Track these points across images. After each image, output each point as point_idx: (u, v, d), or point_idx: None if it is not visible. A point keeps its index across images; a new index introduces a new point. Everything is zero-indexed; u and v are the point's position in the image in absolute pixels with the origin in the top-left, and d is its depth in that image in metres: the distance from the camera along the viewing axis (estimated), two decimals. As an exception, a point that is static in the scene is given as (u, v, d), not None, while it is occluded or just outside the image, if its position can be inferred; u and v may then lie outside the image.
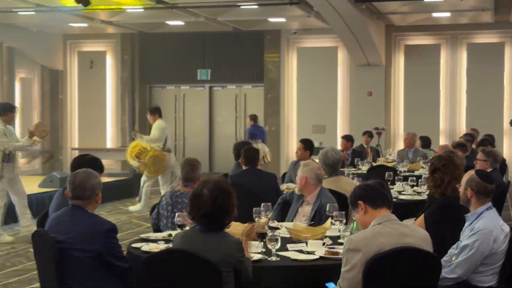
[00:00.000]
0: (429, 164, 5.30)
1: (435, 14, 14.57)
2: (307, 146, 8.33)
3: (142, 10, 14.48)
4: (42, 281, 4.29)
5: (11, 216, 9.48)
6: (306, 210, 5.45)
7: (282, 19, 15.36)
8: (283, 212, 5.74)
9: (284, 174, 8.98)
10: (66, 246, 4.04)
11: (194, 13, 14.35)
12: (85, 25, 16.00)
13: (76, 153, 14.48)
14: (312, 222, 5.18)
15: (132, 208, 10.98)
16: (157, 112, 11.33)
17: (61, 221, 4.18)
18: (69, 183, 4.25)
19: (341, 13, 12.90)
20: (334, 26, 13.96)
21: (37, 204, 10.72)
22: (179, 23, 15.74)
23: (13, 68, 16.23)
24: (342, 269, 3.56)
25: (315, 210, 5.31)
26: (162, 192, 10.52)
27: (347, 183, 6.24)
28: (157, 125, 11.17)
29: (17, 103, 16.25)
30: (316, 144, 10.97)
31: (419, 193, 7.16)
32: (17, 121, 16.34)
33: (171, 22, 15.83)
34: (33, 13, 14.15)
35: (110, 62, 17.56)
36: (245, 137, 15.04)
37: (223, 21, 15.34)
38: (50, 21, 15.18)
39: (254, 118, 14.94)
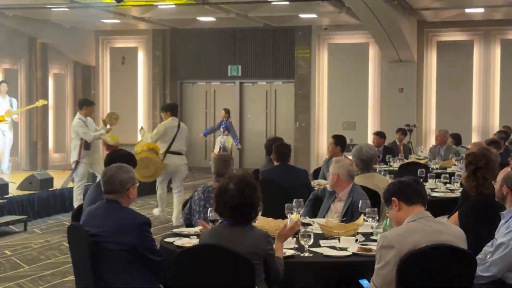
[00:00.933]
0: (463, 162, 5.24)
1: (468, 10, 14.40)
2: (338, 141, 8.28)
3: (174, 6, 14.53)
4: (76, 274, 4.34)
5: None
6: (338, 206, 5.43)
7: (313, 15, 15.31)
8: (315, 209, 5.73)
9: (315, 171, 8.97)
10: (101, 239, 4.08)
11: (226, 9, 14.37)
12: (117, 21, 16.13)
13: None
14: (344, 219, 5.17)
15: (155, 211, 10.50)
16: (169, 109, 10.19)
17: (96, 215, 4.22)
18: (101, 178, 4.31)
19: (372, 9, 12.82)
20: (366, 22, 13.88)
21: (70, 198, 10.85)
22: (211, 19, 15.79)
23: (47, 63, 16.44)
24: (376, 266, 3.55)
25: (347, 207, 5.29)
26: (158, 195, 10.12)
27: (380, 180, 6.21)
28: (162, 123, 10.16)
29: (50, 98, 16.48)
30: (347, 141, 10.92)
31: (452, 191, 7.10)
32: (50, 116, 16.60)
33: (202, 18, 15.88)
34: (66, 9, 14.30)
35: (141, 58, 17.68)
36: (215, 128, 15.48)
37: (254, 17, 15.34)
38: (83, 17, 15.33)
39: (228, 111, 15.14)
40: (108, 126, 10.28)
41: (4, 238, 8.83)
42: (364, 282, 3.71)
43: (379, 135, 11.29)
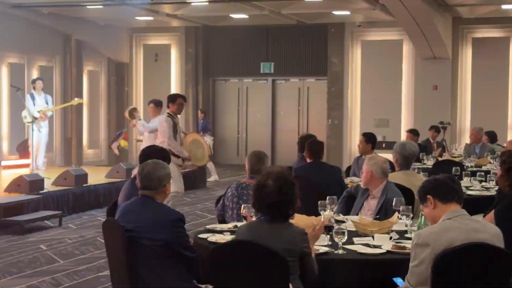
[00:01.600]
0: (498, 160, 5.18)
1: (504, 6, 14.20)
2: (368, 139, 8.23)
3: (207, 3, 14.59)
4: (111, 269, 4.38)
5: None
6: (371, 204, 5.40)
7: (347, 12, 15.24)
8: (348, 206, 5.70)
9: (347, 168, 8.93)
10: (135, 235, 4.11)
11: (258, 6, 14.38)
12: (150, 18, 16.24)
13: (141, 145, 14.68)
14: (378, 216, 5.14)
15: None
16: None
17: (131, 211, 4.25)
18: (138, 174, 4.33)
19: (407, 6, 12.72)
20: (400, 18, 13.78)
21: (104, 194, 10.98)
22: (243, 16, 15.80)
23: (81, 61, 16.61)
24: (411, 264, 3.52)
25: (381, 204, 5.26)
26: None
27: (417, 178, 6.15)
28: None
29: (85, 95, 16.66)
30: (379, 138, 10.86)
31: (487, 189, 7.02)
32: (84, 112, 16.77)
33: (235, 15, 15.91)
34: (100, 7, 14.44)
35: (174, 55, 17.78)
36: (198, 129, 15.66)
37: (287, 14, 15.32)
38: (117, 14, 15.47)
39: (205, 111, 15.47)
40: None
41: (40, 233, 8.95)
42: (398, 280, 3.68)
43: (413, 132, 11.20)
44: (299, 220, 4.51)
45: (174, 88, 17.76)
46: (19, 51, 14.91)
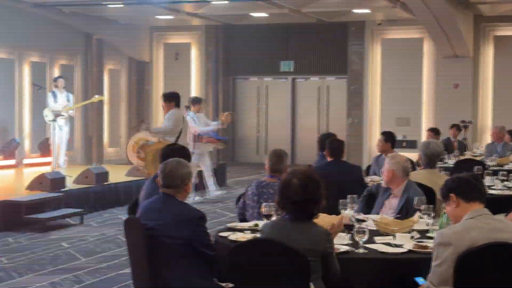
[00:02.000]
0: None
1: (527, 4, 14.09)
2: (387, 138, 8.21)
3: (227, 2, 14.61)
4: (133, 267, 4.40)
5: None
6: (392, 203, 5.38)
7: (367, 10, 15.18)
8: (369, 205, 5.68)
9: (368, 167, 8.90)
10: (156, 233, 4.12)
11: (278, 5, 14.37)
12: (171, 17, 16.29)
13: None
14: (399, 215, 5.11)
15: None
16: (173, 99, 9.62)
17: (152, 209, 4.27)
18: (160, 172, 4.34)
19: (428, 3, 12.64)
20: (421, 16, 13.70)
21: (124, 192, 11.03)
22: (263, 14, 15.80)
23: (102, 59, 16.71)
24: (433, 263, 3.50)
25: (402, 203, 5.23)
26: None
27: (440, 178, 6.11)
28: (171, 115, 9.57)
29: (105, 93, 16.75)
30: (400, 137, 10.81)
31: (509, 188, 6.97)
32: (105, 111, 16.87)
33: (255, 14, 15.91)
34: (121, 5, 14.51)
35: (194, 54, 17.82)
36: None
37: (307, 13, 15.30)
38: (138, 13, 15.54)
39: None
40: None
41: (61, 230, 9.02)
42: (420, 279, 3.66)
43: (434, 131, 11.14)
44: (319, 219, 4.50)
45: (194, 87, 17.81)
46: (41, 50, 15.03)
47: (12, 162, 13.38)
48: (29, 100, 14.70)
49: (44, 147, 14.12)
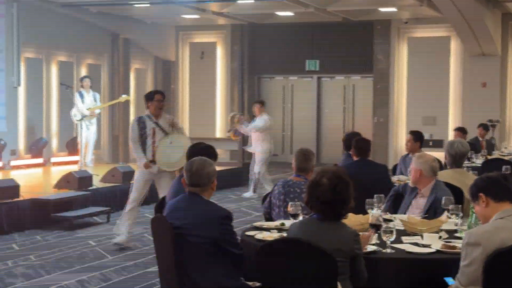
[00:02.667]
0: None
1: (556, 2, 13.91)
2: (417, 138, 8.16)
3: (253, 1, 14.62)
4: (160, 265, 4.42)
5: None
6: (420, 202, 5.34)
7: (393, 9, 15.10)
8: (395, 205, 5.65)
9: (394, 166, 8.85)
10: (183, 232, 4.14)
11: (304, 4, 14.35)
12: (196, 16, 16.34)
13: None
14: (426, 215, 5.07)
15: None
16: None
17: (178, 208, 4.29)
18: (186, 171, 4.34)
19: (455, 2, 12.54)
20: (448, 15, 13.59)
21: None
22: (289, 13, 15.79)
23: (128, 59, 16.82)
24: (461, 264, 3.47)
25: (430, 203, 5.19)
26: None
27: (467, 177, 6.06)
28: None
29: (132, 93, 16.86)
30: (426, 136, 10.73)
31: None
32: (131, 110, 16.96)
33: (281, 13, 15.90)
34: (148, 5, 14.59)
35: (220, 53, 17.86)
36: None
37: (332, 11, 15.26)
38: (164, 13, 15.62)
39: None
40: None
41: (88, 228, 9.10)
42: (449, 279, 3.63)
43: (461, 130, 11.04)
44: (348, 218, 4.49)
45: (220, 86, 17.86)
46: (68, 49, 15.17)
47: (40, 160, 13.52)
48: (56, 99, 14.84)
49: (71, 146, 14.26)
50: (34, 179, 11.77)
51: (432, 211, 5.10)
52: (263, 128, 11.76)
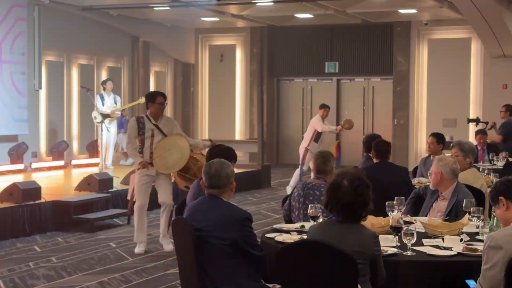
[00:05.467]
0: None
1: None
2: (439, 140, 8.10)
3: (272, 3, 14.63)
4: (180, 267, 4.43)
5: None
6: (441, 205, 5.31)
7: (413, 10, 15.04)
8: (416, 207, 5.63)
9: (414, 169, 8.81)
10: (204, 233, 4.15)
11: (323, 6, 14.33)
12: (216, 19, 16.38)
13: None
14: (447, 218, 5.05)
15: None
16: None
17: (198, 210, 4.30)
18: (205, 173, 4.35)
19: (476, 3, 12.46)
20: (468, 16, 13.51)
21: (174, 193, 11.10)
22: (308, 16, 15.78)
23: (148, 61, 16.90)
24: (483, 267, 3.44)
25: (451, 206, 5.16)
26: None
27: (479, 178, 6.05)
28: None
29: (151, 95, 16.89)
30: (447, 139, 10.65)
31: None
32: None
33: (300, 15, 15.90)
34: (168, 8, 14.65)
35: (239, 56, 17.89)
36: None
37: (352, 13, 15.22)
38: (183, 16, 15.68)
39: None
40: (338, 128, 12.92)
41: (109, 230, 9.15)
42: (471, 282, 3.61)
43: (483, 133, 10.95)
44: (366, 221, 4.48)
45: (239, 88, 17.89)
46: (89, 52, 15.28)
47: (61, 163, 13.63)
48: (77, 102, 14.95)
49: (92, 148, 14.35)
50: (55, 181, 11.86)
51: (454, 215, 5.07)
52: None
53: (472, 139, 12.73)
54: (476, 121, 13.05)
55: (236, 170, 4.54)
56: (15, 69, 13.05)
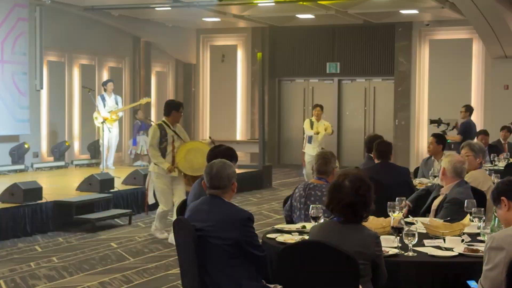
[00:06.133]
0: None
1: None
2: (439, 140, 8.11)
3: (274, 4, 14.63)
4: (182, 268, 4.43)
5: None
6: (436, 202, 5.34)
7: (415, 11, 15.03)
8: (420, 202, 5.65)
9: (416, 169, 8.81)
10: (205, 234, 4.14)
11: (325, 6, 14.33)
12: (217, 19, 16.39)
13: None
14: (449, 219, 5.04)
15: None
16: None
17: (199, 210, 4.30)
18: (206, 174, 4.34)
19: (477, 4, 12.46)
20: (470, 17, 13.51)
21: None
22: (310, 16, 15.78)
23: (150, 62, 16.91)
24: (484, 268, 3.44)
25: (440, 201, 5.17)
26: None
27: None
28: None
29: (153, 95, 16.95)
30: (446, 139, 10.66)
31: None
32: (153, 113, 17.05)
33: (301, 16, 15.90)
34: (169, 8, 14.66)
35: (240, 56, 17.89)
36: (133, 131, 15.27)
37: (353, 14, 15.22)
38: (185, 16, 15.68)
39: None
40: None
41: (110, 231, 9.15)
42: (472, 283, 3.61)
43: (485, 133, 10.95)
44: (369, 221, 4.48)
45: (240, 89, 17.90)
46: (90, 52, 15.29)
47: (62, 163, 13.63)
48: (78, 102, 14.96)
49: (93, 149, 14.36)
50: (56, 182, 11.86)
51: (439, 211, 5.09)
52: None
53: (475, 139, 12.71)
54: (438, 122, 13.13)
55: (237, 171, 4.54)
56: (16, 69, 13.06)
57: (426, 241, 4.32)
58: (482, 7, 12.67)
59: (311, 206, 4.68)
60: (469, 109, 12.38)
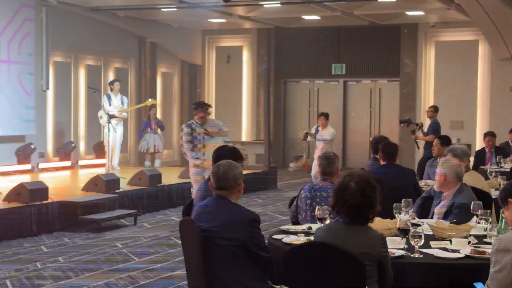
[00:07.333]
0: None
1: None
2: (444, 142, 8.09)
3: (279, 5, 14.63)
4: (188, 268, 4.43)
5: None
6: (442, 207, 5.30)
7: (421, 12, 15.02)
8: (424, 207, 5.62)
9: (417, 171, 8.80)
10: (211, 234, 4.15)
11: (331, 7, 14.33)
12: (223, 20, 16.40)
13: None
14: (455, 220, 5.03)
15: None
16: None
17: (206, 211, 4.30)
18: (213, 174, 4.35)
19: (483, 5, 12.44)
20: (476, 18, 13.49)
21: (177, 194, 11.15)
22: (315, 17, 15.78)
23: (155, 62, 16.93)
24: (491, 270, 3.43)
25: (447, 208, 5.15)
26: None
27: (480, 180, 6.04)
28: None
29: (158, 96, 16.97)
30: (453, 141, 10.64)
31: None
32: (158, 113, 17.08)
33: (307, 17, 15.90)
34: (175, 9, 14.67)
35: (246, 57, 17.90)
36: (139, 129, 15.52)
37: (359, 15, 15.22)
38: (191, 17, 15.70)
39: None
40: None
41: (116, 231, 9.17)
42: (479, 285, 3.60)
43: (492, 135, 10.93)
44: (375, 223, 4.47)
45: (246, 90, 17.89)
46: (96, 53, 15.31)
47: (68, 163, 13.66)
48: (84, 103, 14.98)
49: (98, 149, 14.38)
50: (62, 182, 11.90)
51: (448, 215, 5.06)
52: (331, 139, 11.96)
53: (480, 140, 12.72)
54: (407, 122, 13.26)
55: (243, 172, 4.54)
56: (22, 69, 13.08)
57: (432, 243, 4.31)
58: (488, 8, 12.66)
59: (316, 207, 4.68)
60: (436, 110, 12.85)
